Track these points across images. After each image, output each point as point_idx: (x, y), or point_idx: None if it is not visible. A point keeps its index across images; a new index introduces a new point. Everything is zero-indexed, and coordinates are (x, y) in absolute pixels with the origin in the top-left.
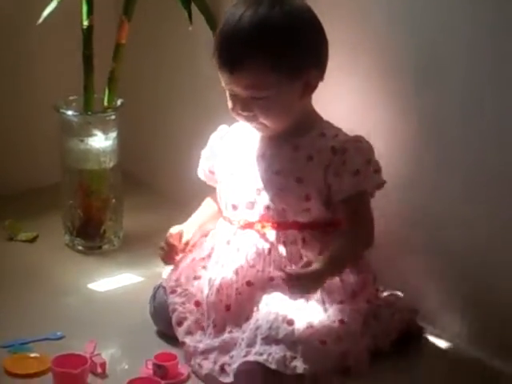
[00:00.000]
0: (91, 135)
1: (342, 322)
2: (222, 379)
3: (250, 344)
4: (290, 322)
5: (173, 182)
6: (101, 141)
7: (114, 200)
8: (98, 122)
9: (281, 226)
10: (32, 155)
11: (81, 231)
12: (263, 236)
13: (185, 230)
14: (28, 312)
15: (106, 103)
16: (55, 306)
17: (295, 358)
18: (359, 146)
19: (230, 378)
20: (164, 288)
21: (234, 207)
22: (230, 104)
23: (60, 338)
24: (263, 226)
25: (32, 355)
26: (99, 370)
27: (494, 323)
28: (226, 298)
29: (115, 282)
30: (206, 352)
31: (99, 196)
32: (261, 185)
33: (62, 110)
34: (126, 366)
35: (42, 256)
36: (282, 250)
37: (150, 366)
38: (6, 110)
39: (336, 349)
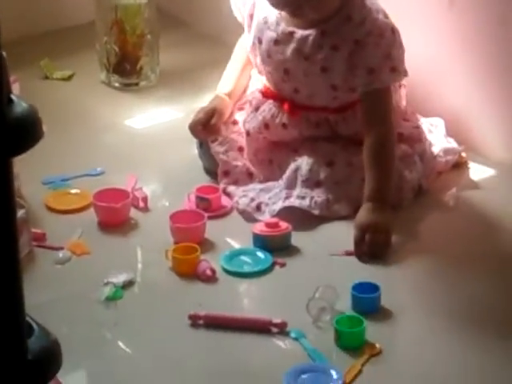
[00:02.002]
0: None
1: None
2: (256, 216)
3: (290, 186)
4: (331, 163)
5: (209, 17)
6: None
7: (149, 36)
8: None
9: (309, 108)
10: None
11: (117, 68)
12: (291, 116)
13: (217, 107)
14: (67, 149)
15: None
16: (94, 143)
17: (338, 199)
18: (380, 41)
19: (265, 216)
20: None
21: (265, 78)
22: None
23: (100, 174)
24: (291, 106)
25: (73, 191)
26: (141, 204)
27: None
28: (266, 154)
29: (154, 117)
30: (245, 191)
31: (134, 31)
32: (288, 65)
33: None
34: (168, 201)
35: (78, 93)
36: (310, 130)
37: (193, 199)
38: None
39: None
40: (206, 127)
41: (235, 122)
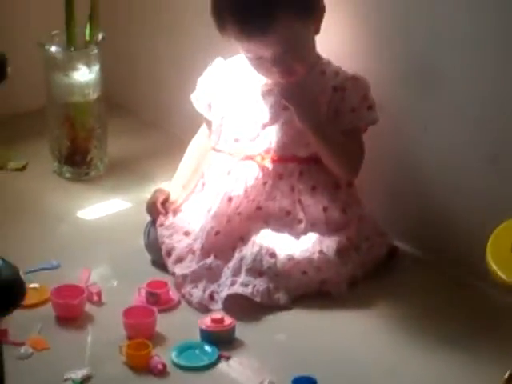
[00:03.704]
0: (75, 69)
1: (321, 252)
2: (211, 307)
3: (235, 273)
4: (273, 255)
5: (156, 108)
6: (84, 74)
7: (98, 129)
8: (81, 56)
9: (280, 159)
10: (17, 79)
11: (68, 159)
12: (262, 168)
13: (171, 193)
14: (22, 241)
15: (87, 38)
16: (48, 235)
17: (278, 289)
18: (357, 83)
19: (219, 306)
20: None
21: (236, 140)
22: (255, 69)
23: (56, 268)
24: (263, 159)
25: (31, 286)
26: (95, 298)
27: (460, 240)
28: (217, 224)
29: (104, 208)
30: (194, 280)
31: (84, 126)
32: (266, 119)
33: (46, 47)
34: (120, 294)
35: (32, 184)
36: (276, 182)
37: (143, 294)
38: None
39: (316, 278)
40: (162, 206)
41: (183, 211)
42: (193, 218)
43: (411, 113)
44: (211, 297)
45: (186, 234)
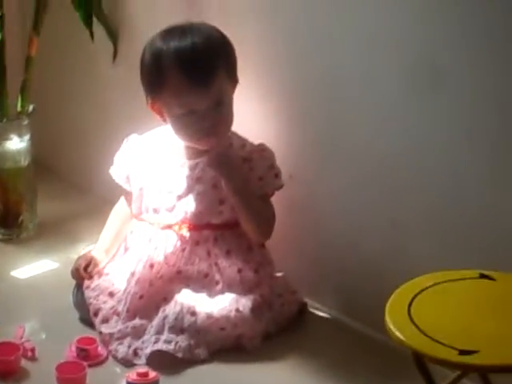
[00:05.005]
0: (8, 139)
1: (237, 310)
2: (135, 361)
3: (159, 331)
4: (193, 313)
5: (83, 173)
6: (16, 143)
7: (29, 193)
8: (13, 127)
9: (196, 227)
10: None
11: (0, 222)
12: (180, 236)
13: (94, 257)
14: None
15: (19, 109)
16: None
17: (198, 345)
18: (263, 154)
19: (142, 361)
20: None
21: (155, 211)
22: (181, 127)
23: None
24: (180, 228)
25: None
26: (29, 354)
27: (363, 298)
28: (140, 289)
29: (35, 268)
30: (120, 338)
31: (16, 190)
32: (181, 191)
33: None
34: (53, 349)
35: None
36: (194, 248)
37: (74, 349)
38: None
39: (233, 333)
40: (85, 272)
41: (106, 273)
42: (117, 279)
43: (319, 182)
44: (135, 353)
45: (111, 294)
